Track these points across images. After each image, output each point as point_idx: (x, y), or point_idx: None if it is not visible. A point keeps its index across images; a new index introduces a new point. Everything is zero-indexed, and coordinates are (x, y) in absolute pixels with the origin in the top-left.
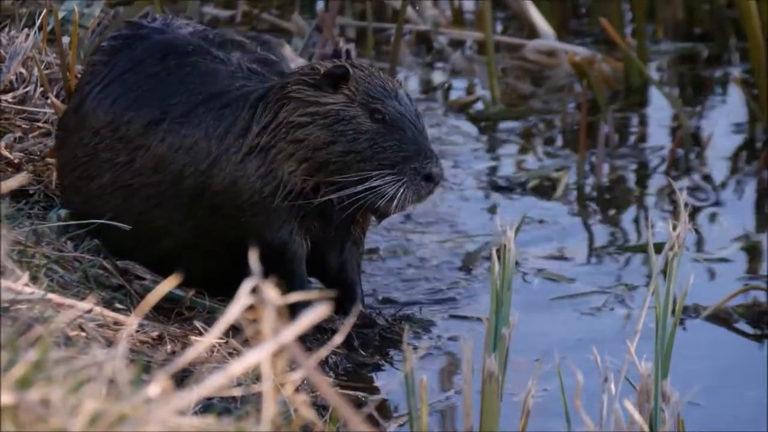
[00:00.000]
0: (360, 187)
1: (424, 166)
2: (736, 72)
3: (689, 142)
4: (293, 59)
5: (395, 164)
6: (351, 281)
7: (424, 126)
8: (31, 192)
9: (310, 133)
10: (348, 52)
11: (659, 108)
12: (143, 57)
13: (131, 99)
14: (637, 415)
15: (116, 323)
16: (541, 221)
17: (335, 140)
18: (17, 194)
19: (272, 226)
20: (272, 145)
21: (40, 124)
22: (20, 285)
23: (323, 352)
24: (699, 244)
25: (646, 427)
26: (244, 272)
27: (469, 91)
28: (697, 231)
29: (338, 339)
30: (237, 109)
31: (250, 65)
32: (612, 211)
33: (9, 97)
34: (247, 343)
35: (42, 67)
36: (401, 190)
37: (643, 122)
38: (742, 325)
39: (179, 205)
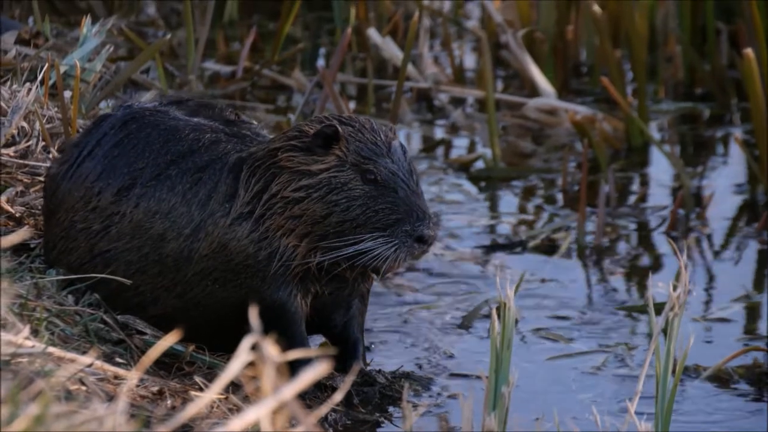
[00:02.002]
0: (353, 250)
1: (415, 228)
2: (737, 132)
3: (690, 202)
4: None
5: (387, 227)
6: (354, 339)
7: (417, 182)
8: (32, 246)
9: (307, 209)
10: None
11: (660, 168)
12: (107, 130)
13: (99, 171)
14: None
15: (117, 377)
16: (541, 280)
17: (330, 211)
18: (18, 248)
19: (269, 288)
20: (267, 217)
21: (41, 179)
22: (21, 338)
23: (323, 409)
24: (699, 305)
25: None
26: (243, 329)
27: (470, 149)
28: (697, 291)
29: (338, 396)
30: (215, 174)
31: (212, 123)
32: (612, 271)
33: (11, 151)
34: (247, 399)
35: (44, 121)
36: (393, 252)
37: (644, 182)
38: (743, 386)
39: (164, 270)
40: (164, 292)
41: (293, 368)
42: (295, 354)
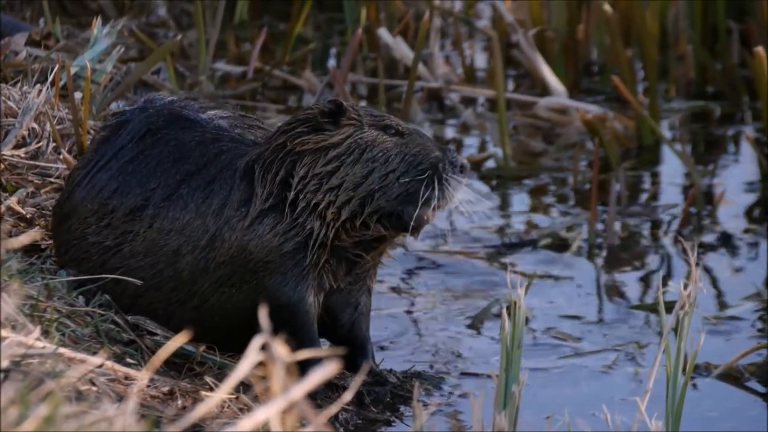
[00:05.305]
0: (401, 196)
1: (452, 160)
2: (748, 131)
3: (701, 200)
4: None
5: (429, 167)
6: (362, 338)
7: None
8: (42, 247)
9: (345, 174)
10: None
11: (671, 166)
12: (124, 143)
13: (114, 187)
14: None
15: (127, 378)
16: (552, 279)
17: (371, 168)
18: (29, 249)
19: (288, 283)
20: (300, 200)
21: (52, 180)
22: (32, 339)
23: (333, 408)
24: (710, 303)
25: None
26: (256, 331)
27: (481, 148)
28: (708, 289)
29: (349, 396)
30: (226, 183)
31: (219, 122)
32: (623, 270)
33: (21, 152)
34: (257, 399)
35: (54, 122)
36: (445, 187)
37: (655, 180)
38: (754, 384)
39: (180, 284)
40: (179, 306)
41: (303, 368)
42: (305, 354)
